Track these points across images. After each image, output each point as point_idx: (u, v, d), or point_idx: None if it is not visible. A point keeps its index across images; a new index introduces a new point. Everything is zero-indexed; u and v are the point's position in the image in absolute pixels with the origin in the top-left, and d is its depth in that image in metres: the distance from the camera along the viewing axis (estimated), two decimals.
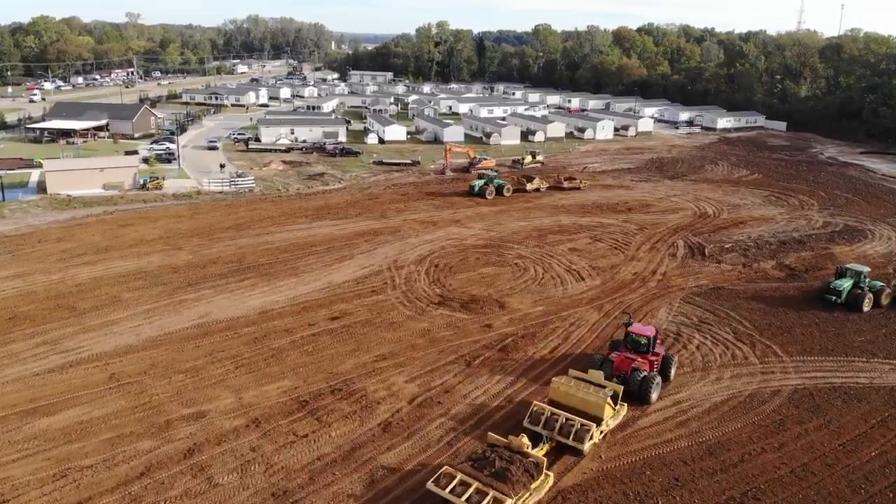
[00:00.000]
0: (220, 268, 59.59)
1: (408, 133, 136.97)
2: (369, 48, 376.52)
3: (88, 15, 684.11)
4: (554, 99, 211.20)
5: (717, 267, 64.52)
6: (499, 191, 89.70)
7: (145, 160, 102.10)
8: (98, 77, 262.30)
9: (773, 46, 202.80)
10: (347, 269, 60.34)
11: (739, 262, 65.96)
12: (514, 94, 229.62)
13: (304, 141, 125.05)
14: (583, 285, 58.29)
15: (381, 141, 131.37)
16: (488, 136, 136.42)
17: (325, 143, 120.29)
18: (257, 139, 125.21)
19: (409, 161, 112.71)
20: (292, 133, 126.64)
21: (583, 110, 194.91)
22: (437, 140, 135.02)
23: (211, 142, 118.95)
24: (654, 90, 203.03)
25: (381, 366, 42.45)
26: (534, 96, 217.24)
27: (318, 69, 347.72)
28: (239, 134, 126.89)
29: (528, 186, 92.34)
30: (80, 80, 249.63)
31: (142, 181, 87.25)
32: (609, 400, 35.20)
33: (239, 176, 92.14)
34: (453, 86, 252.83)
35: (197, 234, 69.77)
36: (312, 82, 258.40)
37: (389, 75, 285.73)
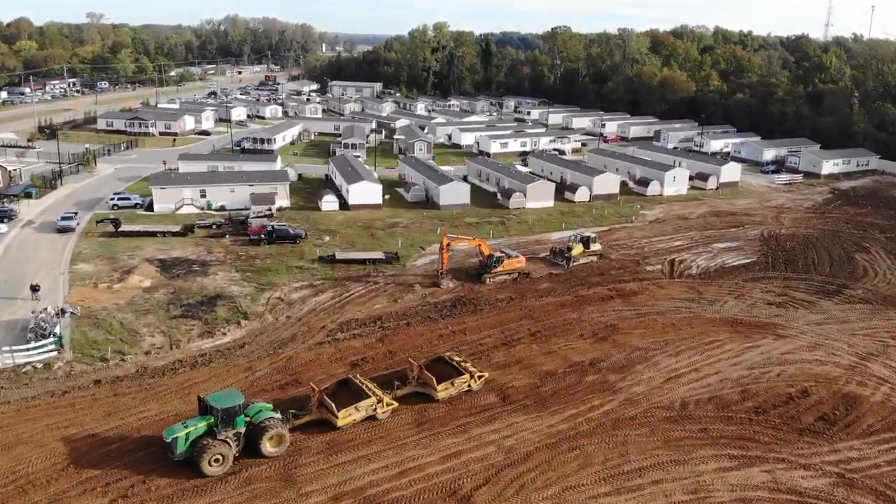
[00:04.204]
0: None
1: (387, 188, 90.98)
2: (355, 53, 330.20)
3: (44, 16, 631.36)
4: (581, 121, 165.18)
5: None
6: (247, 442, 36.15)
7: None
8: (28, 90, 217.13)
9: (865, 57, 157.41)
10: None
11: None
12: (528, 113, 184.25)
13: (223, 208, 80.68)
14: None
15: (344, 205, 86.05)
16: (507, 195, 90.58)
17: (247, 218, 75.17)
18: (150, 207, 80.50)
19: (380, 255, 67.90)
20: (203, 197, 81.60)
21: (622, 138, 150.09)
22: (429, 201, 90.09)
23: (64, 219, 73.30)
24: (712, 112, 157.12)
25: None
26: (555, 117, 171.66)
27: (294, 78, 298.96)
28: (120, 198, 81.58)
29: (339, 422, 38.69)
30: (4, 94, 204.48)
31: None
32: None
33: (36, 328, 47.14)
34: (453, 102, 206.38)
35: None
36: (283, 95, 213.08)
37: (378, 86, 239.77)
